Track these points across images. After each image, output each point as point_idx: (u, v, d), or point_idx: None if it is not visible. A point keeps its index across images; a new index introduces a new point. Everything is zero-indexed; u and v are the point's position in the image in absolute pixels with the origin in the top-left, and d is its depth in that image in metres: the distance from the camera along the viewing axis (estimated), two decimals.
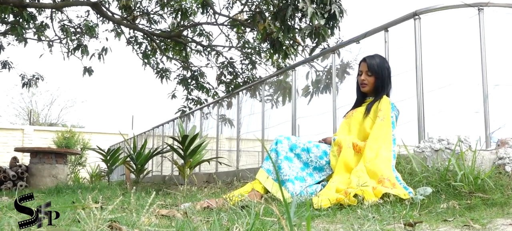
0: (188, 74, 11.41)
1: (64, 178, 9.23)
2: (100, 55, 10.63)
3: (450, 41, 4.17)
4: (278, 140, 3.36)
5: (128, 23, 10.37)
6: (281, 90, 7.01)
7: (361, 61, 3.53)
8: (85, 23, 10.81)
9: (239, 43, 11.23)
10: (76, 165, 16.07)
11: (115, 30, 11.19)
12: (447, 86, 4.02)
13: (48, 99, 38.33)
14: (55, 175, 9.03)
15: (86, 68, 10.85)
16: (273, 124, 6.71)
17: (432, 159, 3.08)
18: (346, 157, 3.18)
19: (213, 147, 8.53)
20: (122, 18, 10.43)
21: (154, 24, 11.04)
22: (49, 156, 9.06)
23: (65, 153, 9.47)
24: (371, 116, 3.34)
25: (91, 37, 10.90)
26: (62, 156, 9.27)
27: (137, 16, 10.77)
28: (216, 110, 8.69)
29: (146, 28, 10.77)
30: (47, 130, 20.55)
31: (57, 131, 18.91)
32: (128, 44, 11.35)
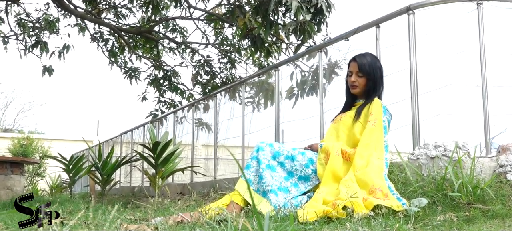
0: (160, 74, 11.37)
1: (21, 190, 9.10)
2: (61, 53, 10.51)
3: (446, 38, 4.22)
4: (260, 146, 3.36)
5: (93, 18, 10.28)
6: (263, 92, 7.02)
7: (351, 60, 3.55)
8: (45, 17, 10.69)
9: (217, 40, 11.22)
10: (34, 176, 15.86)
11: (78, 25, 11.09)
12: (444, 87, 4.06)
13: (2, 102, 37.81)
14: (10, 187, 8.89)
15: (45, 68, 10.73)
16: (255, 129, 6.71)
17: (427, 167, 3.11)
18: (334, 165, 3.19)
19: (188, 154, 8.49)
20: (86, 12, 10.34)
21: (122, 18, 10.97)
22: (3, 166, 8.92)
23: (21, 162, 9.34)
24: (362, 120, 3.36)
25: (52, 33, 10.78)
26: (19, 166, 9.14)
27: (103, 9, 10.69)
28: (191, 114, 8.66)
29: (113, 23, 10.69)
30: (1, 136, 20.25)
31: (12, 137, 18.65)
32: (93, 41, 11.25)
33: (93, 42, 11.29)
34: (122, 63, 11.71)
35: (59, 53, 10.50)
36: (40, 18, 10.75)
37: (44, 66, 10.74)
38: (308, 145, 3.55)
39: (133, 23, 11.31)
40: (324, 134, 4.42)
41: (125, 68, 11.50)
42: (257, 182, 3.23)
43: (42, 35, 10.65)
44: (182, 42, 11.16)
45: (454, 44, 4.12)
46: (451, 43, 4.16)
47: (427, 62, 4.15)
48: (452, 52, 4.08)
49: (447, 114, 4.10)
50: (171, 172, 5.95)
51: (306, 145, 3.56)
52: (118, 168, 7.37)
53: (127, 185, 11.08)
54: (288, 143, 5.83)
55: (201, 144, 8.89)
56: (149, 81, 11.26)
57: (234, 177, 5.88)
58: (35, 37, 10.55)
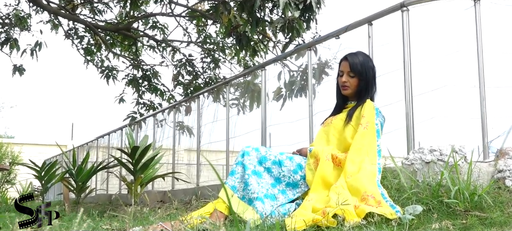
0: (139, 74, 11.33)
1: None
2: (33, 51, 10.43)
3: (442, 37, 4.24)
4: (245, 151, 3.35)
5: (67, 13, 10.22)
6: (249, 93, 7.02)
7: (342, 59, 3.56)
8: (15, 13, 10.61)
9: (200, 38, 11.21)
10: (3, 183, 15.71)
11: (51, 21, 11.02)
12: (440, 88, 4.09)
13: None
14: None
15: (16, 67, 10.63)
16: (240, 133, 6.70)
17: (422, 172, 3.13)
18: (324, 171, 3.20)
19: (169, 160, 8.46)
20: (59, 7, 10.27)
21: (98, 14, 10.92)
22: None
23: None
24: (353, 123, 3.37)
25: (23, 30, 10.69)
26: None
27: (78, 4, 10.62)
28: (172, 116, 8.63)
29: (88, 19, 10.63)
30: None
31: None
32: (67, 38, 11.18)
33: (67, 40, 11.22)
34: (98, 62, 11.66)
35: (31, 51, 10.42)
36: (10, 14, 10.66)
37: (15, 66, 10.64)
38: (296, 149, 3.55)
39: (110, 20, 11.26)
40: (313, 138, 4.43)
41: (101, 68, 11.45)
42: (242, 189, 3.22)
43: (12, 32, 10.56)
44: (163, 40, 11.14)
45: (450, 43, 4.15)
46: (447, 42, 4.19)
47: (422, 62, 4.18)
48: (448, 52, 4.11)
49: (443, 116, 4.12)
50: (150, 178, 5.93)
51: (294, 150, 3.56)
52: (94, 175, 7.33)
53: (104, 192, 11.02)
54: (276, 148, 5.83)
55: (183, 148, 8.87)
56: (127, 81, 11.22)
57: (218, 184, 5.87)
58: (5, 34, 10.45)
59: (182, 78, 11.04)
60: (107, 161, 10.07)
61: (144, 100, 11.18)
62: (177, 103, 8.95)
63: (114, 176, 9.86)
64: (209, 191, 5.41)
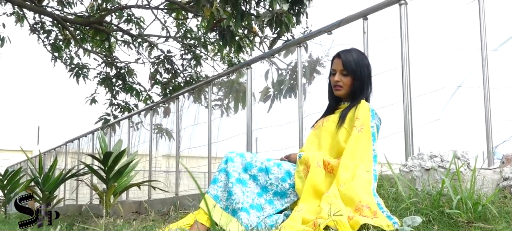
0: (112, 72, 11.28)
1: None
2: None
3: (443, 33, 4.26)
4: (229, 157, 3.35)
5: (32, 5, 10.15)
6: (233, 94, 7.02)
7: (335, 57, 3.57)
8: None
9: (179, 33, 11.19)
10: None
11: (15, 13, 10.94)
12: (441, 89, 4.11)
13: None
14: None
15: None
16: (223, 137, 6.70)
17: (422, 180, 3.14)
18: (315, 178, 3.20)
19: (145, 167, 8.43)
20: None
21: (67, 6, 10.86)
22: None
23: None
24: (346, 126, 3.38)
25: None
26: None
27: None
28: (149, 119, 8.61)
29: (56, 12, 10.57)
30: None
31: None
32: (33, 33, 11.11)
33: (33, 35, 11.15)
34: (67, 59, 11.59)
35: None
36: None
37: None
38: (285, 155, 3.55)
39: (81, 12, 11.21)
40: (303, 143, 4.44)
41: (70, 65, 11.38)
42: (225, 198, 3.22)
43: None
44: (139, 35, 11.11)
45: (452, 40, 4.17)
46: (448, 39, 4.21)
47: (421, 60, 4.20)
48: (450, 49, 4.13)
49: (444, 120, 4.14)
50: (125, 187, 5.91)
51: (283, 156, 3.56)
52: (62, 183, 7.29)
53: (73, 203, 10.95)
54: (262, 153, 5.84)
55: (161, 154, 8.85)
56: (99, 80, 11.17)
57: (199, 193, 5.86)
58: None
59: (160, 77, 11.01)
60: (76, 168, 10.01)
61: (118, 101, 11.13)
62: (154, 104, 8.92)
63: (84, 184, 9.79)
64: (189, 201, 5.40)
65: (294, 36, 7.85)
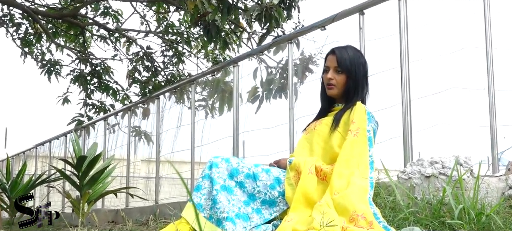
0: (87, 69, 11.24)
1: None
2: None
3: (446, 30, 4.28)
4: (214, 162, 3.35)
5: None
6: (219, 94, 7.02)
7: (329, 53, 3.57)
8: None
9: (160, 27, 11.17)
10: None
11: None
12: (443, 91, 4.12)
13: None
14: None
15: None
16: (208, 140, 6.70)
17: (421, 188, 3.16)
18: (306, 186, 3.21)
19: (123, 172, 8.41)
20: None
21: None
22: None
23: None
24: (341, 130, 3.38)
25: None
26: None
27: None
28: (127, 120, 8.59)
29: (26, 4, 10.53)
30: None
31: None
32: (1, 26, 11.05)
33: (1, 28, 11.09)
34: (38, 55, 11.53)
35: None
36: None
37: None
38: (274, 160, 3.55)
39: (53, 4, 11.16)
40: (294, 147, 4.44)
41: (42, 62, 11.33)
42: (209, 207, 3.22)
43: None
44: (116, 29, 11.07)
45: (455, 38, 4.18)
46: (451, 37, 4.22)
47: (422, 60, 4.21)
48: (452, 48, 4.14)
49: (446, 124, 4.16)
50: (100, 194, 5.89)
51: (272, 161, 3.56)
52: (32, 190, 7.24)
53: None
54: (250, 158, 5.85)
55: (140, 159, 8.83)
56: (72, 78, 11.12)
57: (181, 201, 5.86)
58: None
59: (138, 75, 10.98)
60: (47, 173, 9.97)
61: (93, 101, 11.09)
62: (132, 104, 8.90)
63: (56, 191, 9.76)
64: (170, 210, 5.39)
65: (285, 32, 7.86)
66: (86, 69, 11.25)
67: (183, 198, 7.38)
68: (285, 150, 5.05)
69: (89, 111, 10.99)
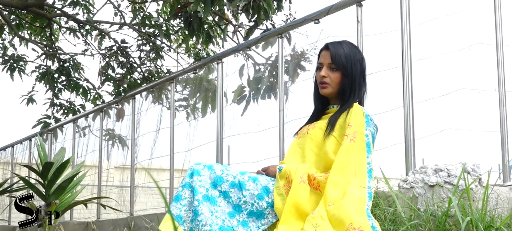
0: (54, 66, 11.21)
1: None
2: None
3: (453, 26, 4.29)
4: (195, 169, 3.35)
5: None
6: (201, 93, 7.03)
7: (322, 49, 3.57)
8: None
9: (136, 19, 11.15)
10: None
11: None
12: (450, 93, 4.13)
13: None
14: None
15: None
16: (189, 145, 6.70)
17: (425, 198, 3.17)
18: (298, 196, 3.21)
19: (94, 180, 8.39)
20: None
21: None
22: None
23: None
24: (336, 134, 3.38)
25: None
26: None
27: None
28: (98, 123, 8.57)
29: None
30: None
31: None
32: None
33: None
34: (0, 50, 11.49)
35: None
36: None
37: None
38: (262, 168, 3.55)
39: None
40: (285, 153, 4.45)
41: (4, 57, 11.29)
42: (190, 219, 3.22)
43: None
44: (87, 21, 11.04)
45: (463, 34, 4.19)
46: (459, 32, 4.24)
47: (426, 58, 4.23)
48: (460, 46, 4.15)
49: (452, 128, 4.17)
50: (68, 205, 5.87)
51: (260, 168, 3.56)
52: None
53: (5, 224, 10.86)
54: (236, 165, 5.85)
55: (113, 165, 8.82)
56: (38, 75, 11.09)
57: (158, 213, 5.86)
58: None
59: (112, 72, 10.97)
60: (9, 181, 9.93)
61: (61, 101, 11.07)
62: (105, 105, 8.88)
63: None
64: (147, 222, 5.39)
65: (274, 25, 7.87)
66: (54, 66, 11.22)
67: (161, 209, 7.38)
68: (274, 156, 5.05)
69: (56, 113, 10.97)
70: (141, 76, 10.86)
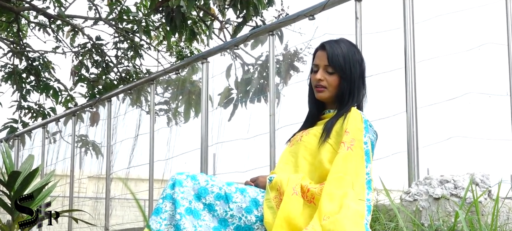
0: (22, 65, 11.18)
1: None
2: None
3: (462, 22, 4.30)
4: (177, 180, 3.34)
5: None
6: (184, 96, 7.03)
7: (318, 48, 3.58)
8: None
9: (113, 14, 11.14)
10: None
11: None
12: (458, 97, 4.14)
13: None
14: None
15: None
16: (171, 153, 6.69)
17: (429, 212, 3.19)
18: (290, 209, 3.22)
19: (65, 191, 8.38)
20: None
21: None
22: None
23: None
24: (332, 142, 3.39)
25: None
26: None
27: None
28: (70, 128, 8.56)
29: None
30: None
31: None
32: None
33: None
34: None
35: None
36: None
37: None
38: (251, 178, 3.55)
39: None
40: (276, 162, 4.45)
41: None
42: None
43: None
44: (58, 15, 11.03)
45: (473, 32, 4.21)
46: (468, 31, 4.25)
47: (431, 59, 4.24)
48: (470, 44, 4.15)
49: (460, 136, 4.18)
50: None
51: (248, 179, 3.57)
52: None
53: None
54: (222, 175, 5.85)
55: (87, 175, 8.80)
56: (4, 75, 11.06)
57: (136, 227, 5.85)
58: None
59: (86, 71, 10.96)
60: None
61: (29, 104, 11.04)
62: (78, 108, 8.87)
63: None
64: None
65: (265, 22, 7.88)
66: (21, 65, 11.19)
67: (139, 223, 7.37)
68: (264, 166, 5.06)
69: (24, 117, 10.95)
70: (118, 76, 10.85)
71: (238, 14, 6.85)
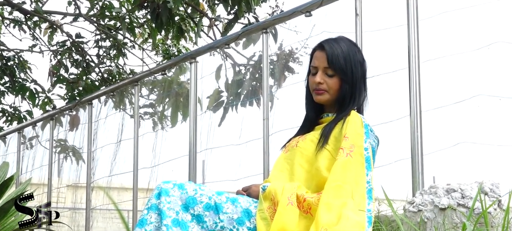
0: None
1: None
2: None
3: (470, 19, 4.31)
4: (163, 189, 3.34)
5: None
6: (171, 99, 7.03)
7: (316, 48, 3.58)
8: None
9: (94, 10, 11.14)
10: None
11: None
12: (466, 100, 4.15)
13: None
14: None
15: None
16: (157, 160, 6.69)
17: (435, 223, 3.19)
18: (284, 221, 3.22)
19: (42, 201, 8.36)
20: None
21: None
22: None
23: None
24: (330, 148, 3.39)
25: None
26: None
27: None
28: (48, 132, 8.55)
29: None
30: None
31: None
32: None
33: None
34: None
35: None
36: None
37: None
38: (243, 187, 3.55)
39: None
40: (270, 169, 4.45)
41: None
42: None
43: None
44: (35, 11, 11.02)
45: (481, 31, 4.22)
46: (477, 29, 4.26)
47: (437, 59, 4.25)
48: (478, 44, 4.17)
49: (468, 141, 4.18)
50: (12, 230, 5.86)
51: (240, 188, 3.57)
52: None
53: None
54: (212, 184, 5.85)
55: (66, 183, 8.79)
56: None
57: None
58: None
59: (65, 72, 10.95)
60: None
61: (3, 106, 11.04)
62: (56, 111, 8.86)
63: None
64: None
65: (258, 19, 7.89)
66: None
67: None
68: (257, 173, 5.06)
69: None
70: (99, 77, 10.85)
71: (229, 10, 6.86)
